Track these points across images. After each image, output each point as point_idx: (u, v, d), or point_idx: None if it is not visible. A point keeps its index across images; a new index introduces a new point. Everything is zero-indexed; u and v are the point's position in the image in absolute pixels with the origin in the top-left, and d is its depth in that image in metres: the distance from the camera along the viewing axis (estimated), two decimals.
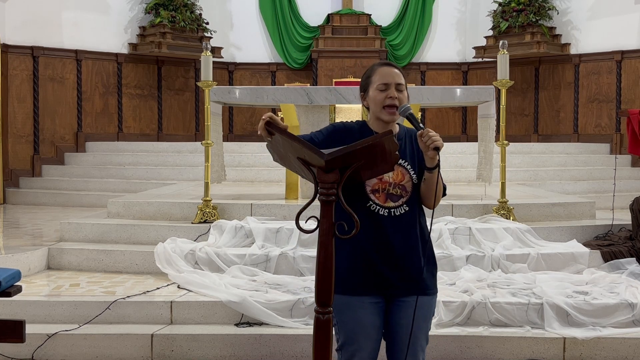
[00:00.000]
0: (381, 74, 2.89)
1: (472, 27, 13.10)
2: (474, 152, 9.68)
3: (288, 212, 6.33)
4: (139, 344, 4.51)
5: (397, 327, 2.87)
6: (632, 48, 11.07)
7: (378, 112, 2.89)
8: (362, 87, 2.97)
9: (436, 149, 2.74)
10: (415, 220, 2.89)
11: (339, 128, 2.92)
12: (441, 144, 2.74)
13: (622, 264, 5.63)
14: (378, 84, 2.88)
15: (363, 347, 2.84)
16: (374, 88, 2.89)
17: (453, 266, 5.52)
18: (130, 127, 12.16)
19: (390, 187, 2.85)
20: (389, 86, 2.87)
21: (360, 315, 2.81)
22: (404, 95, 2.90)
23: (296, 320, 4.65)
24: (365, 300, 2.82)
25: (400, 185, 2.87)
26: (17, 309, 4.70)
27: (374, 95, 2.89)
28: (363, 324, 2.83)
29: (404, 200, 2.86)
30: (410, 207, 2.88)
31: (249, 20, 13.47)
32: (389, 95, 2.86)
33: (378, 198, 2.84)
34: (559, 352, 4.45)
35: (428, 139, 2.73)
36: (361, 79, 3.00)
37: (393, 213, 2.84)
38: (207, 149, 6.44)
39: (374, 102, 2.89)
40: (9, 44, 10.68)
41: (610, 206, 6.83)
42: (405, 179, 2.88)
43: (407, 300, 2.84)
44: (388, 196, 2.84)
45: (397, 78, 2.89)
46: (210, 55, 6.45)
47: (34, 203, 10.15)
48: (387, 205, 2.84)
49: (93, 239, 6.22)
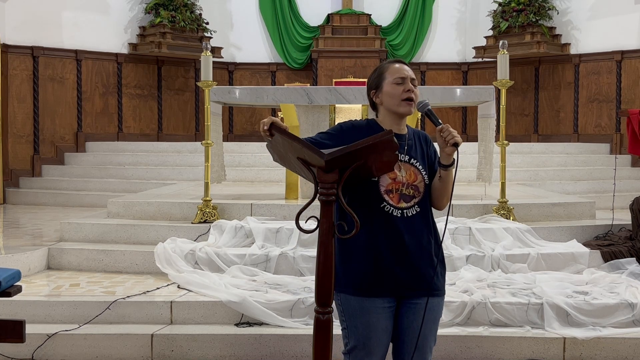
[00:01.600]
0: (395, 69, 2.91)
1: (472, 27, 13.10)
2: (474, 152, 9.67)
3: (288, 212, 6.33)
4: (139, 344, 4.51)
5: (409, 330, 2.85)
6: (632, 48, 11.07)
7: (396, 105, 2.88)
8: (374, 84, 2.96)
9: (455, 145, 2.74)
10: (427, 221, 2.90)
11: (347, 127, 2.91)
12: (460, 140, 2.75)
13: (622, 264, 5.63)
14: (394, 77, 2.89)
15: (374, 352, 2.83)
16: (389, 83, 2.89)
17: (453, 266, 5.51)
18: (130, 127, 12.16)
19: (404, 187, 2.84)
20: (405, 80, 2.89)
21: (373, 319, 2.79)
22: (417, 90, 2.92)
23: (296, 320, 4.65)
24: (378, 304, 2.80)
25: (413, 185, 2.86)
26: (17, 309, 4.70)
27: (390, 89, 2.89)
28: (375, 329, 2.81)
29: (416, 200, 2.86)
30: (422, 208, 2.87)
31: (249, 20, 13.47)
32: (406, 89, 2.88)
33: (392, 199, 2.82)
34: (559, 352, 4.45)
35: (448, 134, 2.74)
36: (370, 78, 3.00)
37: (406, 214, 2.84)
38: (207, 149, 6.44)
39: (391, 96, 2.88)
40: (9, 44, 10.68)
41: (610, 206, 6.83)
42: (418, 179, 2.87)
43: (419, 302, 2.84)
44: (401, 197, 2.84)
45: (411, 73, 2.93)
46: (210, 55, 6.45)
47: (34, 203, 10.15)
48: (400, 206, 2.83)
49: (93, 239, 6.22)
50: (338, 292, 2.82)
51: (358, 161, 2.51)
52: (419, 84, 3.35)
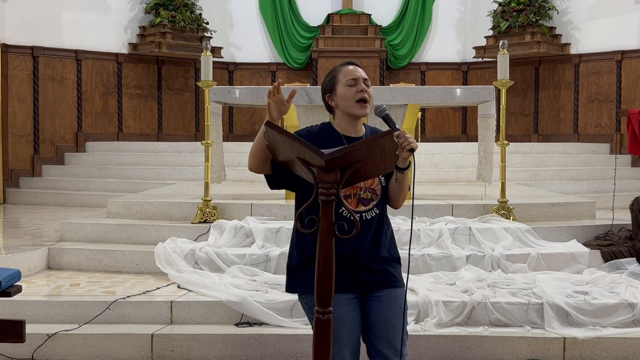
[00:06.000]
0: (348, 71, 2.94)
1: (472, 27, 13.10)
2: (474, 152, 9.69)
3: (288, 212, 6.33)
4: (139, 344, 4.51)
5: (378, 323, 2.91)
6: (632, 48, 11.07)
7: (350, 107, 2.91)
8: (328, 88, 3.00)
9: (411, 150, 2.77)
10: (383, 220, 2.96)
11: (303, 134, 2.94)
12: (416, 145, 2.78)
13: (622, 264, 5.62)
14: (347, 79, 2.92)
15: (345, 345, 2.86)
16: (342, 85, 2.93)
17: (453, 266, 5.52)
18: (130, 127, 12.16)
19: (362, 191, 2.89)
20: (358, 81, 2.92)
21: (338, 313, 2.80)
22: (371, 90, 2.96)
23: (296, 320, 4.65)
24: (342, 298, 2.84)
25: (371, 189, 2.91)
26: (17, 309, 4.70)
27: (343, 91, 2.92)
28: (343, 322, 2.85)
29: (374, 203, 2.92)
30: (380, 210, 2.93)
31: (249, 20, 13.48)
32: (359, 90, 2.91)
33: (350, 204, 2.87)
34: (559, 352, 4.45)
35: (404, 140, 2.76)
36: (324, 82, 3.03)
37: (364, 217, 2.89)
38: (207, 149, 6.44)
39: (345, 98, 2.92)
40: (9, 44, 10.68)
41: (610, 206, 6.83)
42: (375, 182, 2.92)
43: (381, 294, 2.91)
44: (360, 201, 2.89)
45: (363, 74, 2.95)
46: (210, 55, 6.45)
47: (34, 203, 10.15)
48: (358, 210, 2.88)
49: (93, 239, 6.22)
50: (302, 293, 2.92)
51: (358, 161, 2.51)
52: (419, 84, 3.37)
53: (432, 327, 4.56)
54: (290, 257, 2.98)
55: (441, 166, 9.93)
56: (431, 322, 4.58)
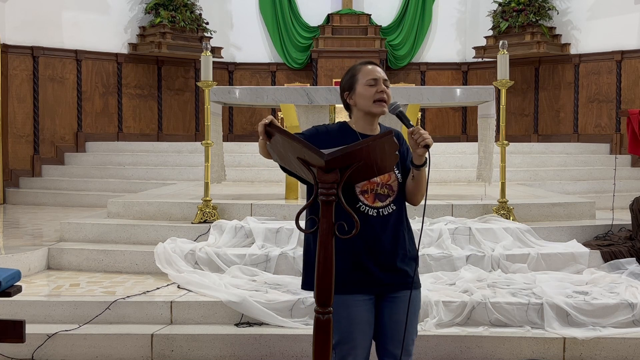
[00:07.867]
0: (368, 71, 2.97)
1: (472, 27, 13.10)
2: (474, 152, 9.69)
3: (288, 212, 6.34)
4: (139, 344, 4.51)
5: (391, 324, 2.93)
6: (632, 48, 11.08)
7: (368, 106, 2.94)
8: (347, 86, 3.02)
9: (426, 147, 2.79)
10: (402, 218, 2.97)
11: (321, 131, 2.99)
12: (431, 141, 2.81)
13: (622, 264, 5.62)
14: (367, 79, 2.95)
15: (359, 345, 2.89)
16: (362, 84, 2.95)
17: (453, 266, 5.52)
18: (130, 127, 12.16)
19: (378, 187, 2.91)
20: (378, 81, 2.95)
21: (354, 313, 2.85)
22: (390, 91, 2.98)
23: (296, 320, 4.65)
24: (358, 298, 2.87)
25: (388, 185, 2.93)
26: (17, 309, 4.70)
27: (362, 91, 2.95)
28: (357, 322, 2.87)
29: (391, 199, 2.93)
30: (397, 206, 2.95)
31: (249, 20, 13.48)
32: (378, 90, 2.93)
33: (367, 199, 2.89)
34: (559, 352, 4.45)
35: (419, 136, 2.79)
36: (343, 80, 3.05)
37: (381, 213, 2.91)
38: (207, 149, 6.44)
39: (364, 98, 2.94)
40: (9, 44, 10.68)
41: (610, 206, 6.83)
42: (392, 178, 2.94)
43: (398, 295, 2.92)
44: (376, 196, 2.91)
45: (383, 74, 2.98)
46: (210, 55, 6.45)
47: (34, 203, 10.15)
48: (375, 206, 2.90)
49: (93, 239, 6.22)
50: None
51: (358, 161, 2.51)
52: (419, 84, 3.38)
53: (432, 327, 4.56)
54: (306, 252, 2.97)
55: (441, 166, 9.93)
56: (431, 322, 4.58)
